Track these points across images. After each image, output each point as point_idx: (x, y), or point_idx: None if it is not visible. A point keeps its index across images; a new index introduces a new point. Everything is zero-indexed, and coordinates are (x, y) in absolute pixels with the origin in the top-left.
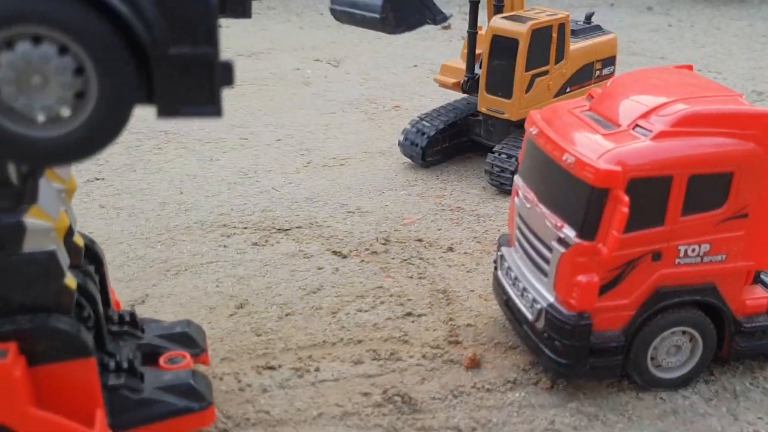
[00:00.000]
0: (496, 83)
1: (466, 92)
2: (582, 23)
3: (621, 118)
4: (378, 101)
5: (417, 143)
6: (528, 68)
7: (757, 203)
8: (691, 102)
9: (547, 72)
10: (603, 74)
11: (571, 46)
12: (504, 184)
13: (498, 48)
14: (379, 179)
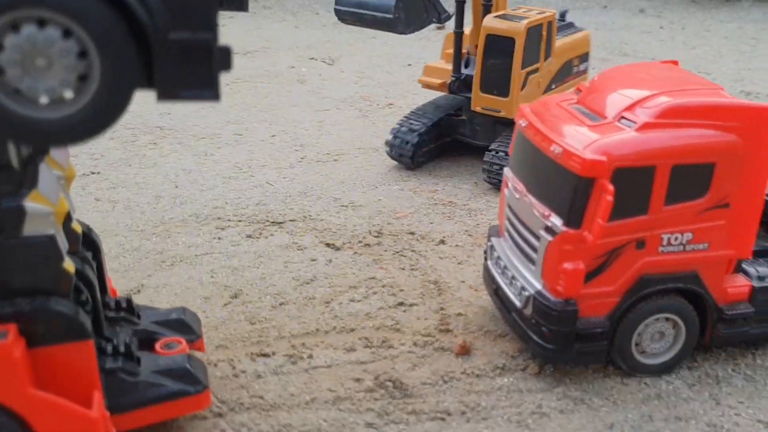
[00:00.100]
0: (492, 82)
1: (454, 92)
2: (558, 21)
3: (607, 111)
4: (372, 99)
5: (403, 154)
6: (523, 66)
7: (738, 193)
8: (675, 95)
9: (538, 69)
10: (580, 70)
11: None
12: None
13: (493, 47)
14: (373, 174)
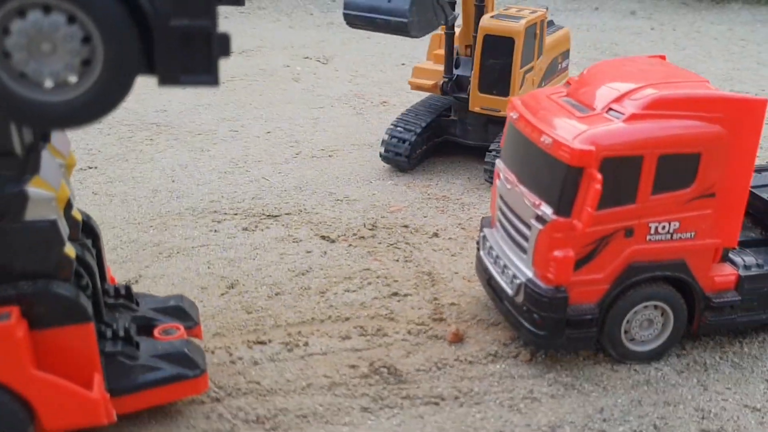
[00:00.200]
0: (491, 82)
1: (446, 94)
2: None
3: (596, 103)
4: (366, 97)
5: (399, 154)
6: (521, 65)
7: (724, 183)
8: (661, 87)
9: (533, 68)
10: (563, 67)
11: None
12: None
13: (491, 47)
14: (367, 170)
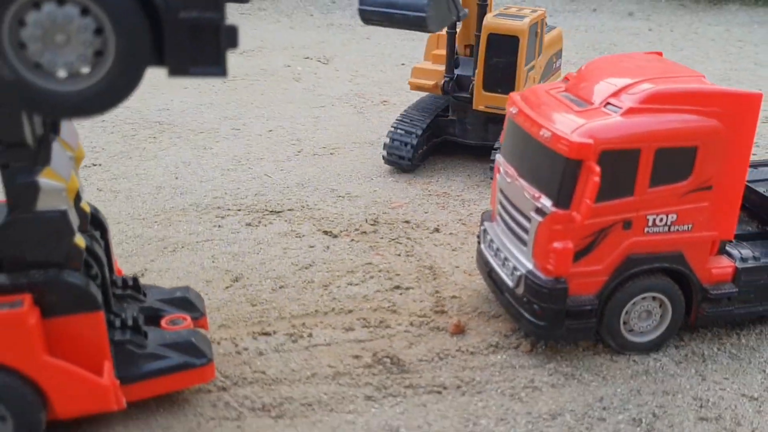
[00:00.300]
0: (496, 80)
1: (447, 93)
2: None
3: (594, 97)
4: (366, 96)
5: (402, 157)
6: (525, 63)
7: (720, 176)
8: (658, 82)
9: (534, 66)
10: (557, 66)
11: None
12: None
13: (495, 46)
14: (368, 167)
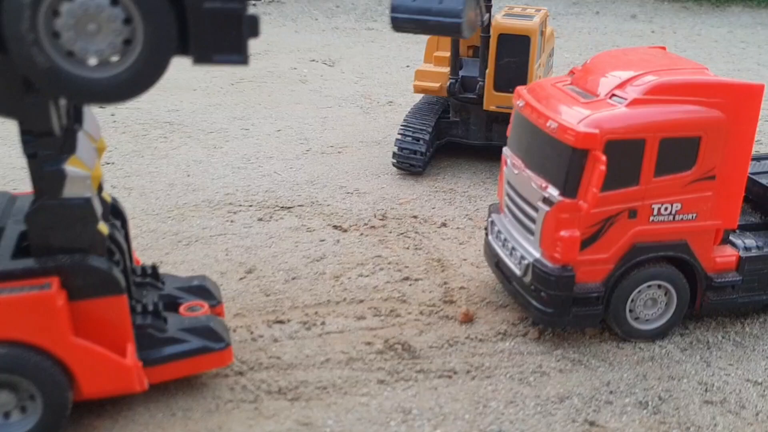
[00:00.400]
0: (507, 80)
1: (453, 95)
2: None
3: (599, 89)
4: (372, 97)
5: (413, 165)
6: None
7: (723, 166)
8: (662, 74)
9: (540, 65)
10: (551, 64)
11: None
12: None
13: (507, 46)
14: (375, 165)
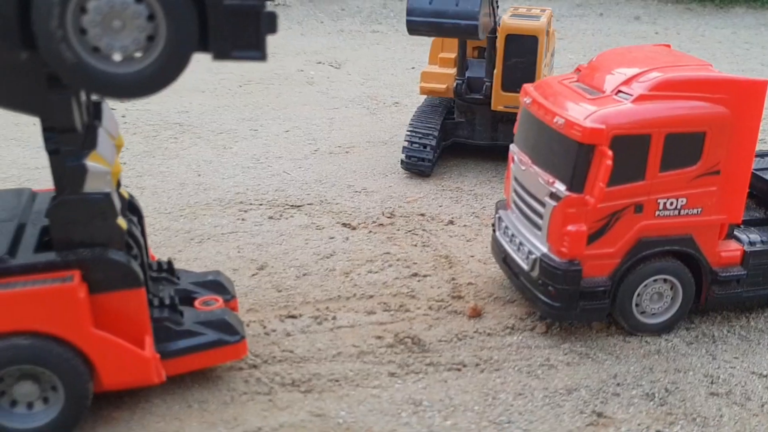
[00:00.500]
0: (516, 80)
1: (459, 96)
2: None
3: (605, 86)
4: (379, 98)
5: (422, 170)
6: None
7: (728, 161)
8: (667, 70)
9: (546, 65)
10: (553, 64)
11: None
12: None
13: (514, 46)
14: (383, 164)
